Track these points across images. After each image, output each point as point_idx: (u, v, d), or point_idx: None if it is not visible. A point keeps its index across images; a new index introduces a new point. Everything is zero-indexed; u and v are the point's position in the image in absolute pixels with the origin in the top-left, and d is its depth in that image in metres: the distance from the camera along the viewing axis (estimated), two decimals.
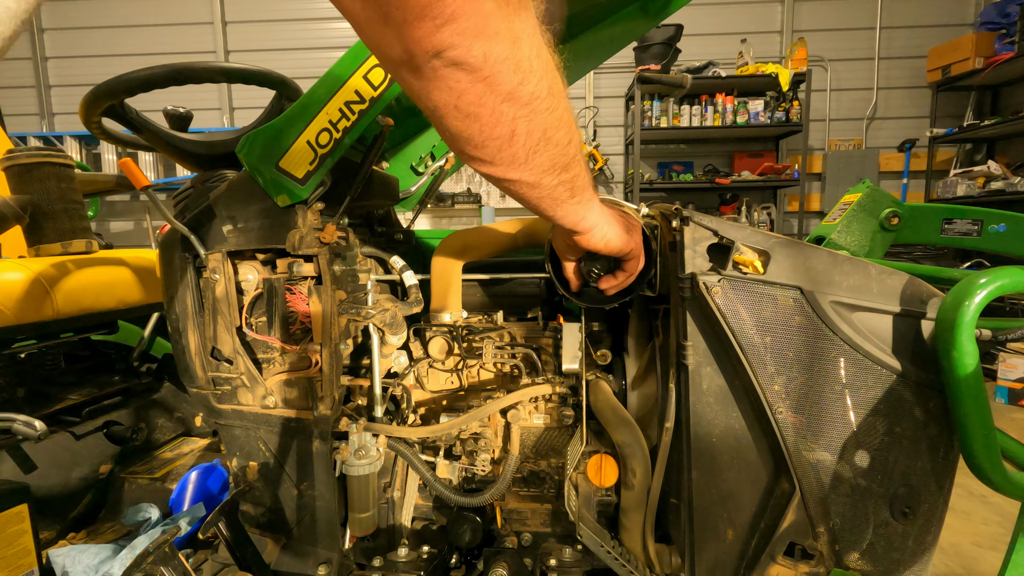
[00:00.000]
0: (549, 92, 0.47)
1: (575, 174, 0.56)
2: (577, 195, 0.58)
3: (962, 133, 4.45)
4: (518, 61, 0.43)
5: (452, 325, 0.93)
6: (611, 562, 0.78)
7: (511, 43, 0.41)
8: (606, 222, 0.65)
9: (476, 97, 0.43)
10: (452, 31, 0.38)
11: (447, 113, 0.45)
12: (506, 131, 0.47)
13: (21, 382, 1.30)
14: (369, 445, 0.84)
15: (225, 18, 5.04)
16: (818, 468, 0.65)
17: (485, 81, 0.42)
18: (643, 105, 4.44)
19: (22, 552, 0.88)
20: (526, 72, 0.44)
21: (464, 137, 0.47)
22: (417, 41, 0.39)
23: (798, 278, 0.65)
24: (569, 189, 0.57)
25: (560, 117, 0.49)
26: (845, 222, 1.24)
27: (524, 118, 0.46)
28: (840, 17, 4.87)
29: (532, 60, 0.44)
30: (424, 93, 0.44)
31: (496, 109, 0.45)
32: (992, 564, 1.60)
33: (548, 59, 0.47)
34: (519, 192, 0.54)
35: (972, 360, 0.58)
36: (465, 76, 0.41)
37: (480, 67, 0.41)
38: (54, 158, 1.31)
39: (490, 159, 0.49)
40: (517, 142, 0.48)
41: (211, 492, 1.20)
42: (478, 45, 0.40)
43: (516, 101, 0.45)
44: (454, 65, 0.40)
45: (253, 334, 0.90)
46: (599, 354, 0.91)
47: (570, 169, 0.55)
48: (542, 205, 0.57)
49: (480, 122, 0.45)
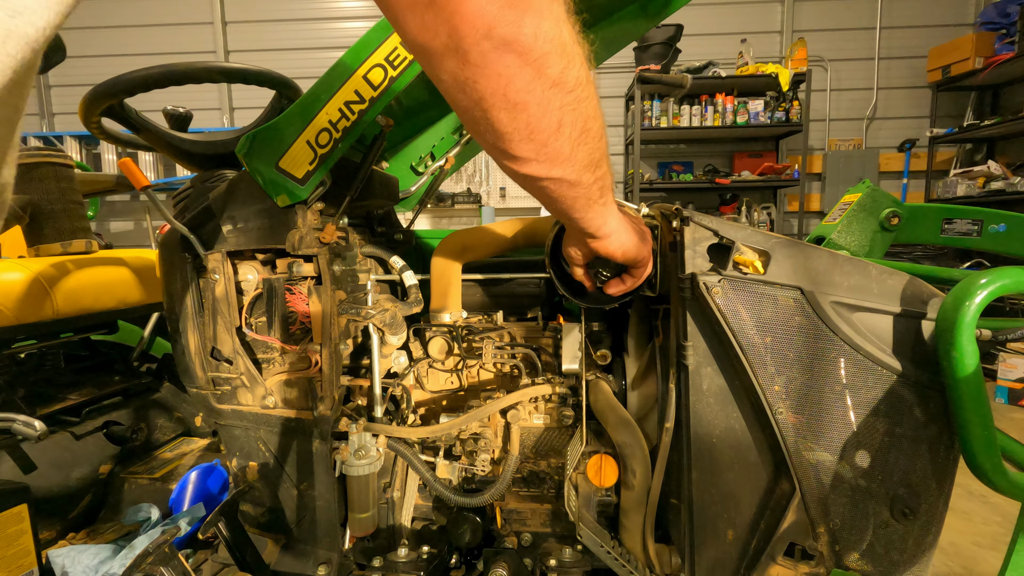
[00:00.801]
0: (587, 79, 0.45)
1: (605, 171, 0.53)
2: (605, 195, 0.56)
3: (962, 133, 4.45)
4: (564, 43, 0.41)
5: (452, 325, 0.93)
6: (611, 562, 0.78)
7: (557, 22, 0.40)
8: (623, 229, 0.63)
9: (525, 83, 0.41)
10: (502, 4, 0.37)
11: (495, 103, 0.42)
12: (554, 121, 0.44)
13: (21, 382, 1.30)
14: (369, 445, 0.84)
15: (225, 18, 5.04)
16: (818, 468, 0.65)
17: (535, 64, 0.40)
18: (643, 105, 4.44)
19: (22, 552, 0.88)
20: (571, 56, 0.42)
21: (509, 131, 0.45)
22: (467, 19, 0.37)
23: (798, 278, 0.65)
24: (600, 188, 0.54)
25: (596, 107, 0.48)
26: (845, 222, 1.24)
27: (570, 106, 0.44)
28: (840, 17, 4.87)
29: (574, 44, 0.42)
30: (471, 82, 0.41)
31: (544, 96, 0.42)
32: (992, 564, 1.60)
33: (582, 45, 0.45)
34: (557, 192, 0.51)
35: (972, 360, 0.58)
36: (515, 59, 0.39)
37: (531, 47, 0.39)
38: (54, 158, 1.31)
39: (534, 155, 0.47)
40: (563, 133, 0.46)
41: (211, 492, 1.20)
42: (529, 21, 0.38)
43: (563, 87, 0.43)
44: (505, 46, 0.38)
45: (253, 334, 0.90)
46: (599, 354, 0.91)
47: (601, 165, 0.52)
48: (576, 205, 0.54)
49: (528, 112, 0.43)
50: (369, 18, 4.77)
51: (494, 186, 5.12)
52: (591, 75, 0.47)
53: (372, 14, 4.76)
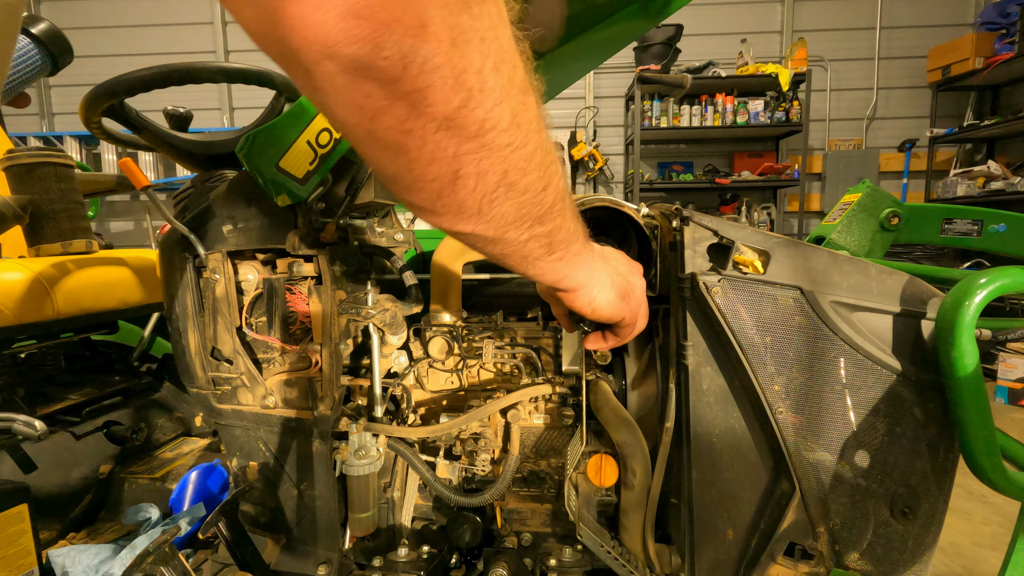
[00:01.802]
0: (513, 122, 0.34)
1: (554, 227, 0.44)
2: (558, 251, 0.47)
3: (962, 133, 4.45)
4: (461, 72, 0.30)
5: (452, 325, 0.93)
6: (611, 562, 0.78)
7: (450, 45, 0.29)
8: (597, 283, 0.55)
9: (396, 121, 0.30)
10: (347, 14, 0.25)
11: (360, 139, 0.32)
12: (446, 171, 0.34)
13: (21, 382, 1.30)
14: (369, 445, 0.84)
15: (225, 18, 5.04)
16: (818, 468, 0.65)
17: (408, 98, 0.29)
18: (643, 105, 4.44)
19: (22, 552, 0.88)
20: (473, 90, 0.31)
21: (389, 174, 0.35)
22: (296, 29, 0.26)
23: (798, 278, 0.65)
24: (546, 245, 0.45)
25: (529, 156, 0.37)
26: (845, 222, 1.24)
27: (472, 154, 0.33)
28: (840, 17, 4.87)
29: (485, 74, 0.31)
30: (327, 109, 0.31)
31: (430, 140, 0.32)
32: (992, 564, 1.60)
33: (513, 76, 0.34)
34: (475, 245, 0.42)
35: (972, 360, 0.58)
36: (376, 89, 0.29)
37: (399, 76, 0.28)
38: (54, 158, 1.31)
39: (428, 206, 0.37)
40: (464, 187, 0.35)
41: (211, 492, 1.20)
42: (392, 41, 0.27)
43: (459, 131, 0.32)
44: (357, 71, 0.27)
45: (253, 334, 0.90)
46: (599, 354, 0.91)
47: (547, 221, 0.42)
48: (508, 262, 0.46)
49: (408, 156, 0.33)
50: None
51: None
52: (530, 113, 0.36)
53: None
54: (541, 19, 0.94)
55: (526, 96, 0.36)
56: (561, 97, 4.63)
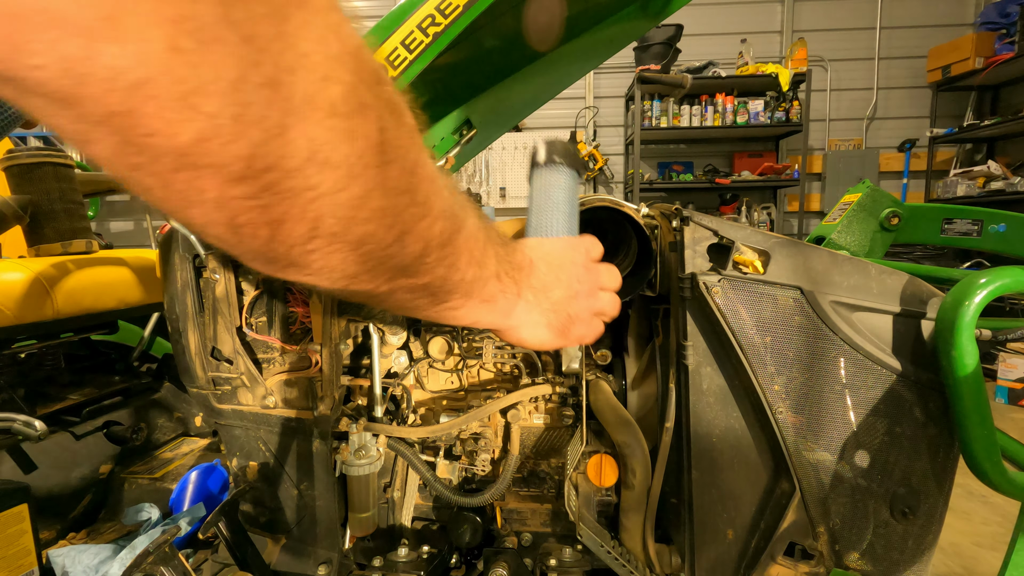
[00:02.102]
0: (317, 159, 0.25)
1: (434, 278, 0.37)
2: (451, 300, 0.41)
3: (962, 133, 4.45)
4: (190, 92, 0.20)
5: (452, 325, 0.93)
6: (611, 562, 0.78)
7: (166, 49, 0.19)
8: (526, 325, 0.50)
9: (111, 153, 0.22)
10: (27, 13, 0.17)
11: (108, 166, 0.23)
12: (217, 218, 0.25)
13: (21, 382, 1.30)
14: (369, 445, 0.84)
15: None
16: (818, 468, 0.65)
17: (109, 125, 0.20)
18: (643, 105, 4.44)
19: (22, 552, 0.88)
20: (221, 117, 0.21)
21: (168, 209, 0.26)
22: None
23: (798, 278, 0.65)
24: (427, 297, 0.38)
25: (359, 202, 0.28)
26: (845, 222, 1.24)
27: (248, 200, 0.25)
28: (840, 17, 4.87)
29: (247, 93, 0.21)
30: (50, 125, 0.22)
31: (172, 180, 0.23)
32: (992, 564, 1.60)
33: (322, 94, 0.24)
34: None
35: (972, 360, 0.58)
36: (56, 109, 0.20)
37: (71, 94, 0.19)
38: (54, 158, 1.31)
39: (231, 252, 0.29)
40: (255, 236, 0.27)
41: (211, 492, 1.20)
42: (74, 45, 0.18)
43: (213, 171, 0.23)
44: (40, 87, 0.19)
45: (253, 334, 0.90)
46: (599, 354, 0.91)
47: (417, 273, 0.35)
48: (388, 307, 0.41)
49: (157, 196, 0.24)
50: (369, 18, 4.76)
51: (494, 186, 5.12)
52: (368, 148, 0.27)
53: (373, 14, 4.76)
54: (541, 19, 0.94)
55: (351, 122, 0.26)
56: (561, 97, 4.63)
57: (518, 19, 0.92)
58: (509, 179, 5.10)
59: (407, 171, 0.30)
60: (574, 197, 0.64)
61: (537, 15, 0.93)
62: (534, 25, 0.95)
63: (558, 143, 0.64)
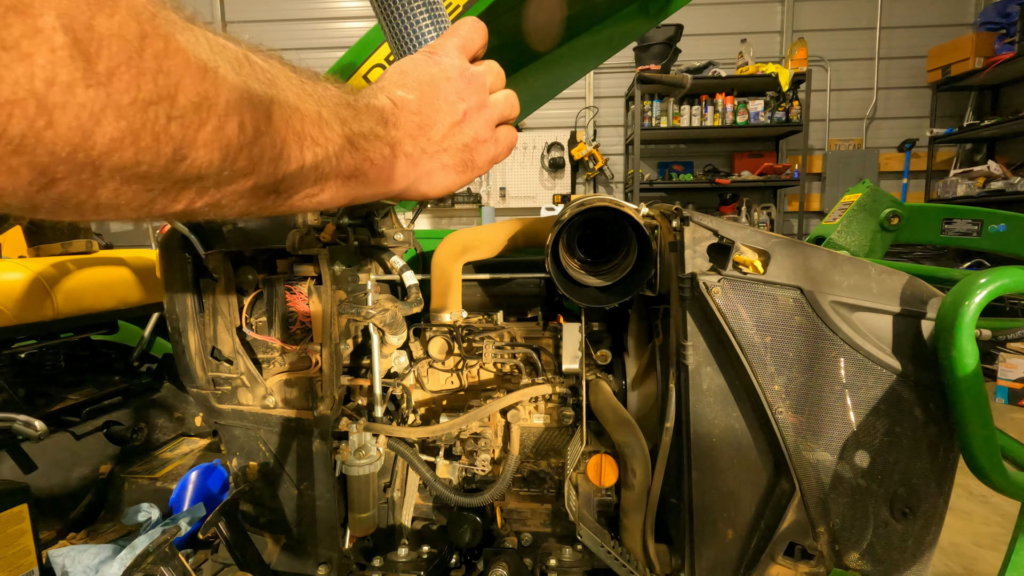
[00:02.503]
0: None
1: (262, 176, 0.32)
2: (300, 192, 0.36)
3: (962, 133, 4.45)
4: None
5: (452, 325, 0.93)
6: (611, 562, 0.78)
7: None
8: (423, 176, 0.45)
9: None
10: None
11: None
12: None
13: (21, 382, 1.30)
14: (369, 445, 0.84)
15: (225, 18, 5.04)
16: (818, 468, 0.65)
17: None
18: (643, 105, 4.45)
19: (22, 552, 0.88)
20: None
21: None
22: None
23: (798, 278, 0.65)
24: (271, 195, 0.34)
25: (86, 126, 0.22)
26: (845, 222, 1.24)
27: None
28: (840, 17, 4.87)
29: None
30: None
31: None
32: (992, 564, 1.60)
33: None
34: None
35: (972, 360, 0.58)
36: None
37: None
38: None
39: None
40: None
41: (211, 492, 1.20)
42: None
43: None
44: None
45: (253, 334, 0.90)
46: (599, 354, 0.91)
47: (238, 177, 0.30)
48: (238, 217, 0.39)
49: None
50: (370, 18, 4.76)
51: (494, 186, 5.12)
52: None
53: (369, 14, 4.76)
54: (541, 19, 0.94)
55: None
56: (561, 97, 4.63)
57: (518, 19, 0.93)
58: (509, 179, 5.10)
59: (147, 72, 0.23)
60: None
61: (537, 15, 0.93)
62: (534, 25, 0.95)
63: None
